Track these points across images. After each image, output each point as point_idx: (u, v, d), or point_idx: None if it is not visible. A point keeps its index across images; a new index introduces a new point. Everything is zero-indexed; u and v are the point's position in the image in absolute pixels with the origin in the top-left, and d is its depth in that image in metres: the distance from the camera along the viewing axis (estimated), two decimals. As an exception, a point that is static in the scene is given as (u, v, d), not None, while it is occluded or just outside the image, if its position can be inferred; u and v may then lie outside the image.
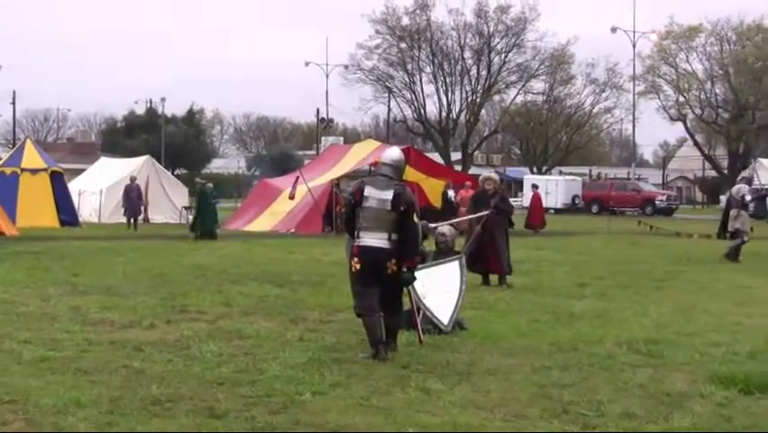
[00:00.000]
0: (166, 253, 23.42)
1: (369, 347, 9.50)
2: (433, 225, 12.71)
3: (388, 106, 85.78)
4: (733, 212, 22.89)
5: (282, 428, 6.90)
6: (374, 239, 9.45)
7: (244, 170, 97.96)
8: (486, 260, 16.52)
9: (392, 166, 9.76)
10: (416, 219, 9.65)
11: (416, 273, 9.90)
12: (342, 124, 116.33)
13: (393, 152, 10.01)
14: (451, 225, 13.87)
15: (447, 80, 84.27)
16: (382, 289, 9.53)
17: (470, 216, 16.99)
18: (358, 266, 9.50)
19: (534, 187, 41.54)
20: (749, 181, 23.82)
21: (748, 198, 22.70)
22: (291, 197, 34.73)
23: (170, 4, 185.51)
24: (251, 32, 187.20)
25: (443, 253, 12.17)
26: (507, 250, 16.86)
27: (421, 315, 10.95)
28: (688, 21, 78.67)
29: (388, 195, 9.46)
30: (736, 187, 23.27)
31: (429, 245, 12.43)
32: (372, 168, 40.42)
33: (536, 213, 38.13)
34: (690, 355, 9.83)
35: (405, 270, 9.58)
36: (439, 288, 11.16)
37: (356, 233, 9.59)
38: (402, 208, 9.44)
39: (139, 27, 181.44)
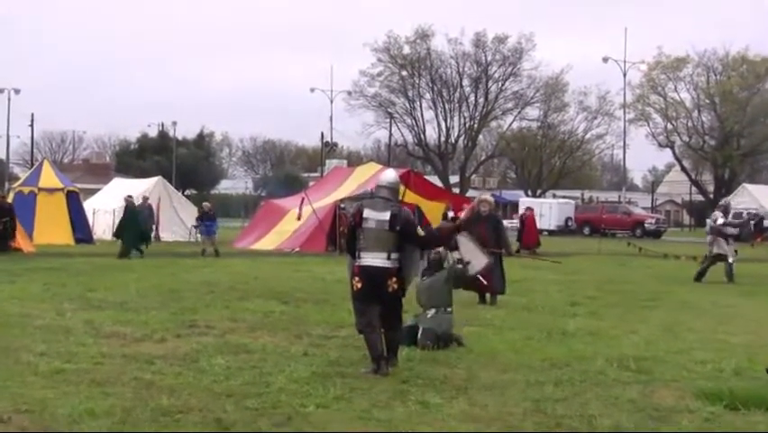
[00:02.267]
0: (176, 269, 23.40)
1: (370, 363, 9.49)
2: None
3: (390, 131, 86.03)
4: (709, 238, 23.04)
5: (287, 439, 6.90)
6: (374, 258, 9.46)
7: (251, 191, 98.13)
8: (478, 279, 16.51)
9: (389, 188, 9.82)
10: (420, 232, 9.73)
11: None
12: (345, 147, 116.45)
13: (389, 175, 10.05)
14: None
15: (446, 107, 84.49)
16: (383, 306, 9.54)
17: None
18: (359, 285, 9.50)
19: (529, 209, 41.51)
20: (726, 208, 23.78)
21: (720, 221, 22.74)
22: (298, 217, 34.77)
23: (183, 32, 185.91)
24: (259, 58, 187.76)
25: (433, 267, 12.02)
26: (502, 270, 16.83)
27: (421, 331, 10.98)
28: (675, 52, 78.76)
29: (386, 215, 9.50)
30: (713, 214, 23.36)
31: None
32: (373, 191, 40.54)
33: (531, 232, 38.11)
34: (677, 372, 9.82)
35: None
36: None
37: (357, 253, 9.59)
38: (398, 228, 9.46)
39: (152, 53, 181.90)
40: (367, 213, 9.57)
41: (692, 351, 11.33)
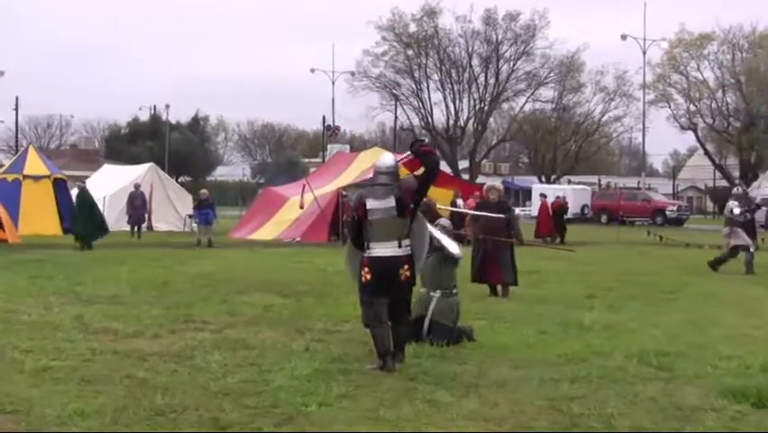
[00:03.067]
0: (170, 261, 23.43)
1: (376, 359, 9.51)
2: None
3: (395, 114, 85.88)
4: (725, 230, 23.04)
5: (288, 440, 6.91)
6: (385, 248, 9.50)
7: (249, 178, 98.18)
8: (488, 270, 16.57)
9: (388, 173, 9.81)
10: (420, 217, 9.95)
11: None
12: (348, 131, 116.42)
13: (387, 159, 10.07)
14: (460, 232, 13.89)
15: (455, 88, 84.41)
16: (391, 298, 9.57)
17: (481, 214, 16.86)
18: (368, 276, 9.51)
19: (543, 196, 41.52)
20: (740, 197, 23.70)
21: (736, 211, 22.73)
22: (301, 206, 34.77)
23: (174, 10, 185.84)
24: (255, 38, 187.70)
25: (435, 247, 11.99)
26: (512, 260, 16.85)
27: (428, 323, 10.99)
28: (699, 28, 78.54)
29: (391, 202, 9.55)
30: (728, 204, 23.35)
31: None
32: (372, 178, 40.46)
33: (544, 222, 38.12)
34: (701, 368, 9.82)
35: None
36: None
37: (365, 244, 9.61)
38: (406, 212, 9.59)
39: (142, 33, 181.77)
40: (370, 203, 9.59)
41: (717, 346, 11.31)
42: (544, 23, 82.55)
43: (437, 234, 11.21)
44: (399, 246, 9.52)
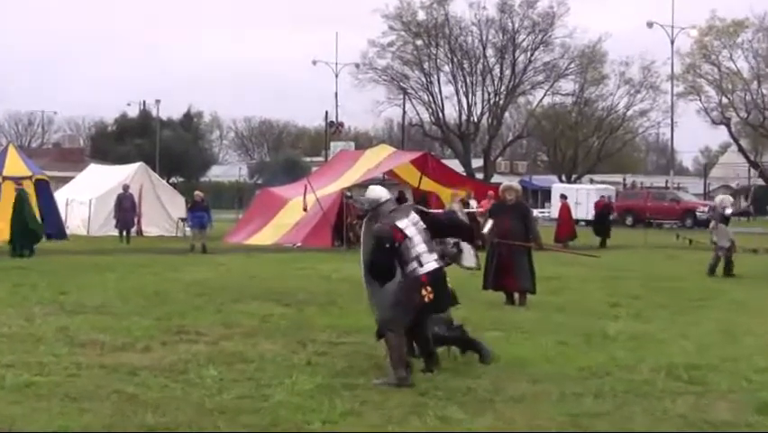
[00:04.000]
0: (161, 268, 23.45)
1: (390, 371, 9.48)
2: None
3: (403, 109, 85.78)
4: (712, 224, 23.27)
5: (289, 461, 6.92)
6: (433, 261, 9.85)
7: (246, 179, 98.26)
8: (504, 277, 16.56)
9: (390, 200, 10.34)
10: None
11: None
12: (352, 128, 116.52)
13: (381, 191, 10.43)
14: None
15: (467, 80, 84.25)
16: (443, 307, 10.24)
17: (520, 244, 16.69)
18: (432, 296, 9.72)
19: (563, 197, 41.52)
20: (746, 191, 24.33)
21: (729, 211, 22.95)
22: (305, 208, 34.78)
23: (166, 1, 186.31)
24: (253, 28, 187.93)
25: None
26: (530, 266, 16.84)
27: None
28: (731, 15, 78.32)
29: (416, 217, 9.97)
30: (719, 198, 23.57)
31: None
32: (386, 177, 40.49)
33: (565, 224, 38.10)
34: (734, 382, 9.81)
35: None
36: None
37: (413, 264, 9.73)
38: (430, 217, 10.13)
39: (131, 23, 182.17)
40: (402, 223, 9.84)
41: (751, 357, 11.31)
42: (563, 9, 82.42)
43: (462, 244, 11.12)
44: (440, 258, 10.05)
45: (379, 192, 10.39)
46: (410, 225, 9.84)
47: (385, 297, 10.01)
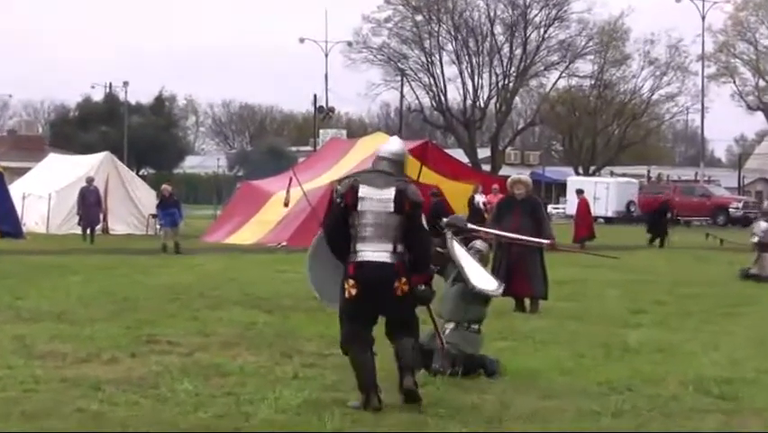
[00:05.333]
0: (130, 270, 23.46)
1: (359, 394, 9.25)
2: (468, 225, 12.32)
3: (401, 92, 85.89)
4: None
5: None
6: (376, 252, 9.20)
7: (225, 170, 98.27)
8: (513, 281, 16.46)
9: (392, 160, 9.56)
10: (424, 225, 9.47)
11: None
12: (344, 113, 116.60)
13: (392, 145, 9.84)
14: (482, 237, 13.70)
15: (473, 61, 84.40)
16: (390, 315, 9.38)
17: (525, 238, 16.55)
18: (353, 291, 9.19)
19: (579, 192, 41.60)
20: None
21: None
22: (286, 203, 34.77)
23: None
24: (231, 2, 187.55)
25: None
26: (543, 269, 16.85)
27: (443, 349, 10.86)
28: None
29: (390, 193, 9.25)
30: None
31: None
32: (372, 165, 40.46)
33: (583, 223, 38.19)
34: (770, 398, 9.85)
35: (421, 287, 9.49)
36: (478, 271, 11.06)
37: (351, 247, 9.28)
38: (407, 209, 9.26)
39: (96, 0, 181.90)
40: (364, 191, 9.27)
41: (790, 371, 11.35)
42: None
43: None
44: (395, 251, 9.23)
45: (386, 145, 9.84)
46: (372, 198, 9.24)
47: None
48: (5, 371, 10.69)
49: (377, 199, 9.24)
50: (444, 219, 11.78)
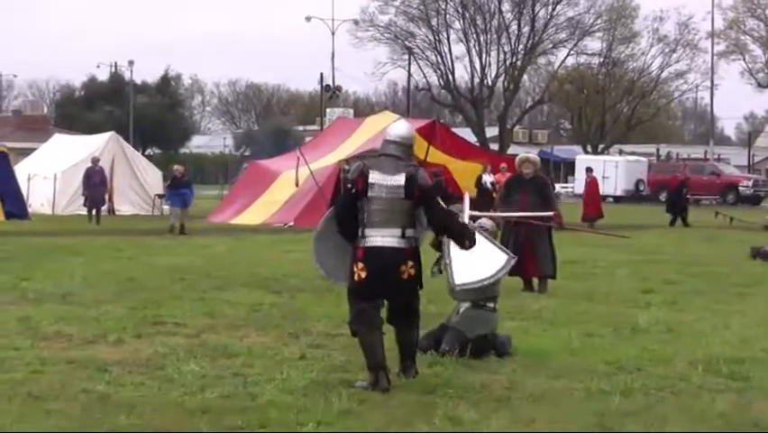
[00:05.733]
0: (136, 251, 23.47)
1: (368, 374, 9.35)
2: (469, 213, 12.22)
3: (409, 71, 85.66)
4: None
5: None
6: (385, 237, 9.31)
7: (232, 150, 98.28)
8: (522, 260, 16.42)
9: (400, 144, 9.63)
10: (441, 204, 9.63)
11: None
12: (352, 92, 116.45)
13: (400, 128, 9.88)
14: (490, 217, 13.62)
15: (481, 39, 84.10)
16: (393, 299, 9.49)
17: (525, 214, 16.54)
18: (363, 274, 9.30)
19: (589, 170, 41.57)
20: None
21: None
22: (297, 183, 34.82)
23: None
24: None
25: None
26: (551, 248, 16.84)
27: (448, 334, 10.82)
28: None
29: (400, 179, 9.34)
30: None
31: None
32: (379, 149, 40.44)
33: (593, 202, 38.21)
34: (782, 377, 9.84)
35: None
36: (472, 260, 10.92)
37: (360, 231, 9.40)
38: (418, 195, 9.37)
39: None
40: (374, 177, 9.38)
41: (801, 350, 11.33)
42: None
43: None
44: (403, 236, 9.33)
45: (394, 128, 9.87)
46: (383, 185, 9.34)
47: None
48: (11, 352, 10.71)
49: (387, 186, 9.35)
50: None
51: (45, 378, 9.54)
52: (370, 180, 9.36)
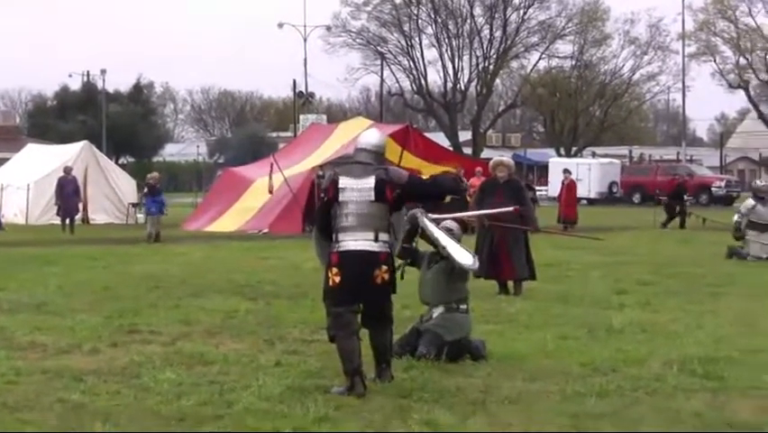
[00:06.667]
0: (111, 260, 23.39)
1: (344, 379, 9.32)
2: (434, 216, 12.30)
3: (381, 77, 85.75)
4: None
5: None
6: (357, 241, 9.34)
7: (205, 158, 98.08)
8: (497, 264, 16.52)
9: (371, 151, 9.68)
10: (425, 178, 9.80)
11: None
12: (325, 99, 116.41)
13: (371, 136, 9.95)
14: (457, 218, 13.62)
15: (453, 43, 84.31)
16: (367, 303, 9.48)
17: (485, 212, 16.65)
18: (337, 279, 9.34)
19: (567, 172, 41.68)
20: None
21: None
22: (270, 190, 34.77)
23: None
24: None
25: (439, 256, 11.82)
26: (527, 250, 16.87)
27: (422, 337, 10.83)
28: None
29: (369, 182, 9.40)
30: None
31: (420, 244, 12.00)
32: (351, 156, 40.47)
33: (571, 204, 38.46)
34: (756, 377, 9.87)
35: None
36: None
37: (334, 236, 9.45)
38: (396, 194, 9.46)
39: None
40: (344, 182, 9.44)
41: (775, 349, 11.39)
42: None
43: (442, 238, 10.89)
44: (376, 240, 9.36)
45: (366, 137, 9.92)
46: (352, 188, 9.38)
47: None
48: (-14, 363, 10.66)
49: (357, 189, 9.40)
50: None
51: (20, 388, 9.49)
52: (341, 185, 9.42)
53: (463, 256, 10.81)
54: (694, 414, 8.46)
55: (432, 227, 10.70)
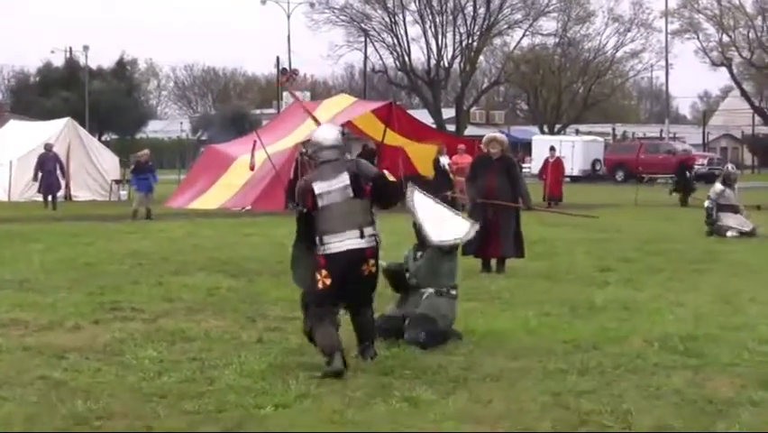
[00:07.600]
0: (93, 237, 23.36)
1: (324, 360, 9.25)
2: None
3: (365, 53, 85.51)
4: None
5: (237, 451, 6.93)
6: (344, 241, 9.35)
7: (189, 135, 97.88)
8: (489, 242, 16.30)
9: (334, 147, 9.65)
10: (389, 176, 9.71)
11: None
12: (308, 76, 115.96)
13: (329, 132, 9.88)
14: (448, 197, 13.66)
15: (437, 20, 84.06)
16: (356, 298, 9.60)
17: (493, 202, 16.49)
18: (328, 281, 9.35)
19: (553, 150, 41.73)
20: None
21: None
22: (252, 167, 34.63)
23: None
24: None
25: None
26: (518, 228, 16.84)
27: (408, 320, 10.74)
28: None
29: (344, 179, 9.40)
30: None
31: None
32: (345, 129, 40.39)
33: (556, 181, 38.70)
34: (736, 354, 9.90)
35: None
36: (440, 222, 10.96)
37: (318, 240, 9.42)
38: (368, 189, 9.43)
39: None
40: (319, 187, 9.41)
41: (755, 327, 11.42)
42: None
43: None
44: (362, 236, 9.38)
45: (322, 134, 9.86)
46: (329, 191, 9.36)
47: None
48: (-34, 340, 10.64)
49: (334, 190, 9.40)
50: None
51: (1, 365, 9.50)
52: (317, 192, 9.40)
53: (454, 229, 10.81)
54: (675, 391, 8.48)
55: (417, 203, 10.68)
